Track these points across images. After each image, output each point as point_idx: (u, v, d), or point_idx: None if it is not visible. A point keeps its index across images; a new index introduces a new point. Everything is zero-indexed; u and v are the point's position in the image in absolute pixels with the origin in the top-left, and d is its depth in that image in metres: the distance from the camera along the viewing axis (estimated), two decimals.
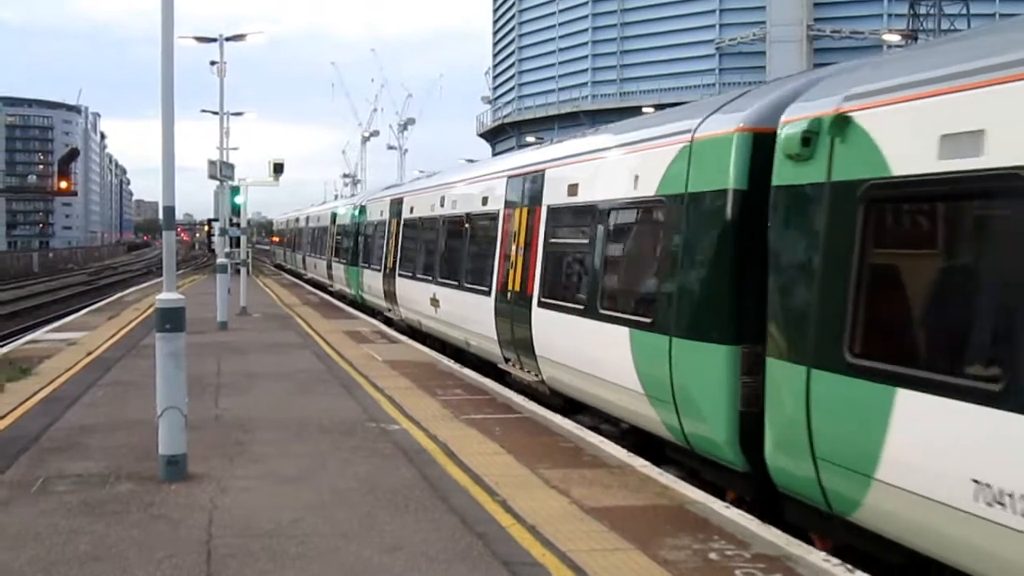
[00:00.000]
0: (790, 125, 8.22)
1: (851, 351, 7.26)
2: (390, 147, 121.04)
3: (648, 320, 10.52)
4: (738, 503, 9.08)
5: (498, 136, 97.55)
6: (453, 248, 19.74)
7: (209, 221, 39.51)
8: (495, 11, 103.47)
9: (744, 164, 9.22)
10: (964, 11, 58.00)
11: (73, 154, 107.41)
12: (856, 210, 7.37)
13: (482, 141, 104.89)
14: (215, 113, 33.70)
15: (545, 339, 13.75)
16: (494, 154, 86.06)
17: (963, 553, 6.38)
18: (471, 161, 42.23)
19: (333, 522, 8.08)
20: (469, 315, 17.76)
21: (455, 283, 18.83)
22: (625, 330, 10.99)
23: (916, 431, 6.63)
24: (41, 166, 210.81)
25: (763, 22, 70.61)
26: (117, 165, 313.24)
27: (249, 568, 7.00)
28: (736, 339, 9.04)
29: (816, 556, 7.18)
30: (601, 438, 11.37)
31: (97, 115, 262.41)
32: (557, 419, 12.56)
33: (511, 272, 15.49)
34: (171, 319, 9.49)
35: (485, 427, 11.91)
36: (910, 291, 7.27)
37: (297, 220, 61.53)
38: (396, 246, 25.49)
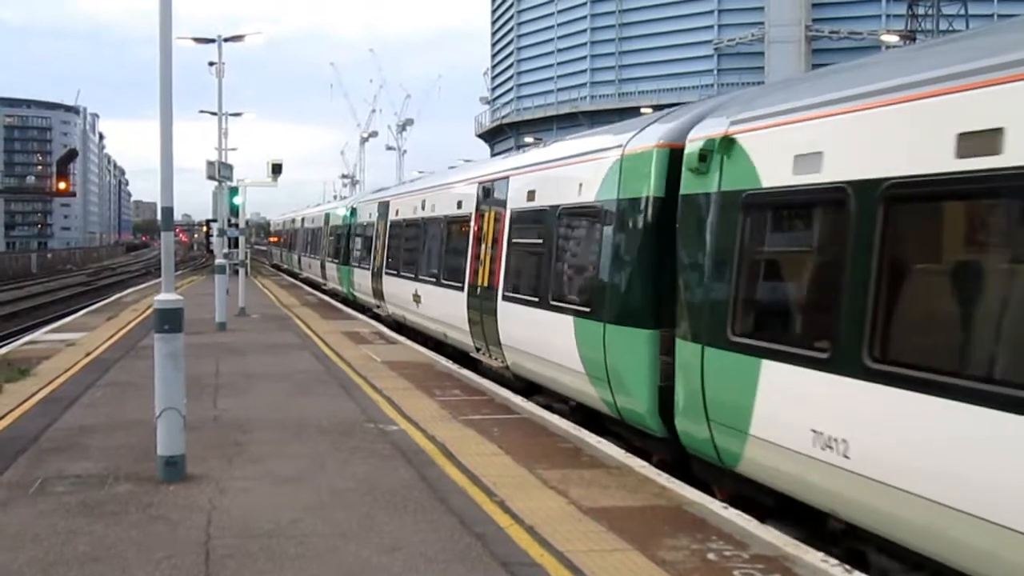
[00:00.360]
0: (692, 143, 9.88)
1: (732, 331, 8.88)
2: (389, 148, 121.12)
3: (587, 309, 12.15)
4: (662, 466, 10.34)
5: (496, 137, 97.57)
6: (432, 248, 21.27)
7: (207, 222, 39.57)
8: (494, 12, 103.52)
9: (661, 175, 10.81)
10: (962, 11, 58.05)
11: (71, 155, 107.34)
12: (737, 215, 9.03)
13: (481, 142, 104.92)
14: (213, 114, 33.73)
15: (508, 329, 15.26)
16: (492, 154, 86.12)
17: (811, 490, 7.93)
18: (467, 160, 42.37)
19: (332, 522, 8.09)
20: (446, 309, 19.18)
21: (434, 280, 20.36)
22: (570, 319, 12.64)
23: (774, 394, 8.27)
24: (39, 167, 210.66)
25: (762, 23, 70.68)
26: (115, 166, 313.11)
27: (248, 569, 7.01)
28: (656, 324, 10.67)
29: (814, 556, 7.18)
30: (599, 439, 11.39)
31: (96, 116, 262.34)
32: (555, 420, 12.57)
33: (481, 269, 17.00)
34: (170, 320, 9.50)
35: (483, 428, 11.92)
36: (772, 282, 9.05)
37: (293, 221, 63.39)
38: (383, 246, 26.96)
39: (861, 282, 7.27)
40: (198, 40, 31.09)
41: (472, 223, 18.08)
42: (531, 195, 15.07)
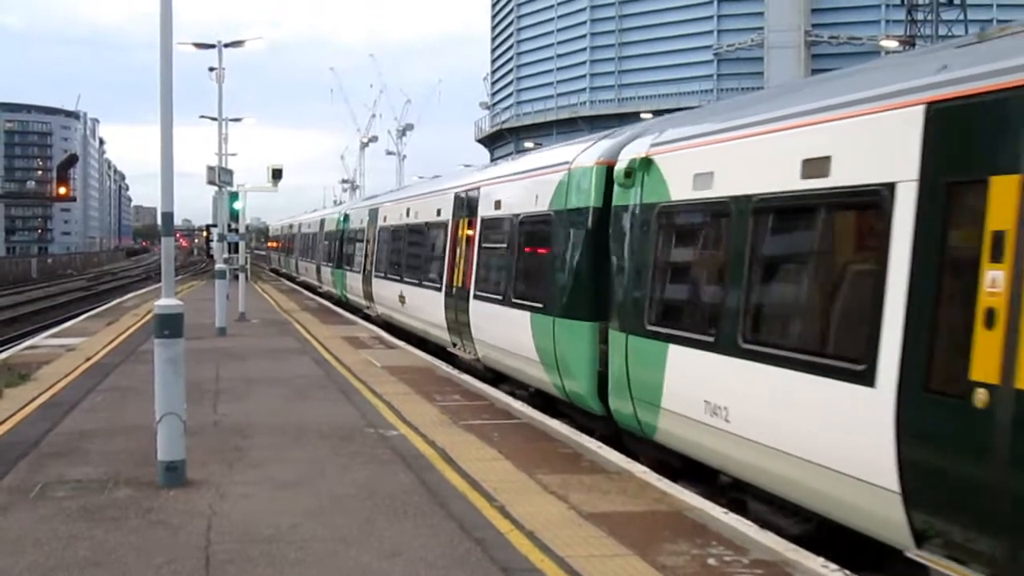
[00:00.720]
0: (620, 161, 11.64)
1: (648, 321, 10.65)
2: (389, 153, 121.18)
3: (541, 306, 13.83)
4: (606, 441, 11.71)
5: (496, 142, 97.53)
6: (415, 252, 23.21)
7: (208, 227, 39.65)
8: (494, 17, 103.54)
9: (600, 189, 12.49)
10: (961, 17, 58.08)
11: (72, 160, 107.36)
12: (652, 223, 10.83)
13: (481, 147, 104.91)
14: (214, 119, 33.83)
15: (479, 325, 16.97)
16: (492, 159, 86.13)
17: (705, 451, 9.69)
18: (467, 166, 42.46)
19: (332, 528, 8.09)
20: (427, 308, 20.84)
21: (417, 282, 22.01)
22: (527, 314, 14.25)
23: (677, 372, 10.00)
24: (40, 172, 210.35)
25: (761, 28, 70.66)
26: (116, 171, 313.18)
27: (248, 574, 7.01)
28: (595, 317, 12.32)
29: (814, 562, 7.18)
30: (599, 444, 11.40)
31: (96, 121, 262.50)
32: (555, 424, 12.57)
33: (456, 272, 18.66)
34: (170, 325, 9.50)
35: (483, 433, 11.92)
36: (676, 279, 10.79)
37: (291, 227, 65.77)
38: (373, 251, 28.94)
39: (737, 279, 9.00)
40: (199, 45, 31.20)
41: (449, 229, 19.73)
42: (497, 204, 16.75)
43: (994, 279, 6.18)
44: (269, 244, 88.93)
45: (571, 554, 7.36)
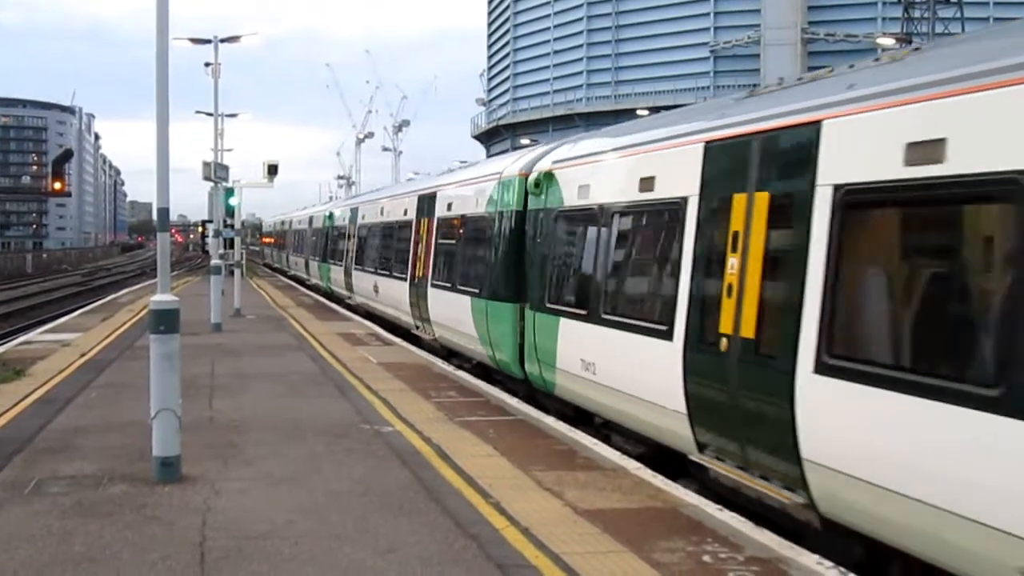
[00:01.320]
0: (533, 174, 14.83)
1: (547, 300, 13.60)
2: (385, 149, 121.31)
3: (477, 291, 16.76)
4: (527, 400, 14.25)
5: (493, 138, 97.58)
6: (387, 247, 26.42)
7: (203, 222, 39.64)
8: (490, 13, 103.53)
9: (521, 195, 15.34)
10: (958, 15, 58.15)
11: (67, 155, 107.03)
12: (551, 224, 13.88)
13: (477, 143, 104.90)
14: (210, 114, 33.80)
15: (435, 309, 20.00)
16: (488, 155, 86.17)
17: (584, 400, 12.53)
18: (464, 162, 42.51)
19: (327, 524, 8.08)
20: (396, 296, 24.00)
21: (388, 273, 25.33)
22: (468, 298, 17.18)
23: (565, 339, 12.86)
24: (35, 167, 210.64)
25: (758, 25, 70.76)
26: (111, 166, 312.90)
27: (242, 570, 7.00)
28: (516, 299, 15.12)
29: (809, 559, 7.19)
30: (595, 440, 11.41)
31: (91, 116, 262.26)
32: (551, 421, 12.58)
33: (418, 264, 21.75)
34: (165, 321, 9.49)
35: (479, 429, 11.92)
36: (564, 267, 13.63)
37: (282, 223, 70.02)
38: (352, 246, 32.26)
39: (601, 268, 12.16)
40: (195, 41, 31.11)
41: (413, 227, 22.87)
42: (450, 206, 19.98)
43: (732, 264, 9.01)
44: (263, 240, 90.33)
45: (566, 551, 7.36)
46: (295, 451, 10.80)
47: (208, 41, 30.74)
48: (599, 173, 12.68)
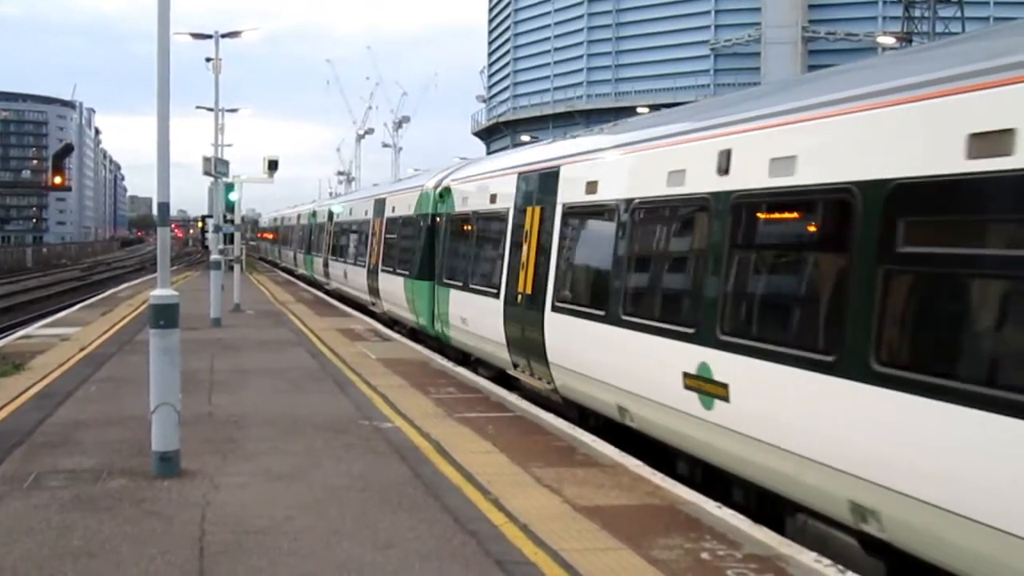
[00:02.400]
0: (439, 186, 20.99)
1: (443, 277, 19.21)
2: (385, 145, 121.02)
3: (407, 273, 22.67)
4: (460, 363, 18.19)
5: (493, 135, 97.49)
6: (355, 241, 32.41)
7: (203, 217, 39.67)
8: (491, 10, 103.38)
9: (435, 203, 21.24)
10: (959, 14, 58.11)
11: (67, 149, 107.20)
12: (450, 224, 19.57)
13: (477, 140, 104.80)
14: (210, 109, 33.83)
15: (383, 288, 26.02)
16: (488, 152, 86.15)
17: (466, 346, 18.03)
18: (463, 158, 42.73)
19: (326, 519, 8.09)
20: (359, 281, 29.86)
21: (353, 262, 31.67)
22: (401, 279, 23.25)
23: (456, 305, 18.28)
24: (35, 161, 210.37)
25: (758, 23, 70.64)
26: (111, 161, 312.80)
27: (242, 565, 7.01)
28: (431, 278, 20.53)
29: (807, 556, 7.20)
30: (594, 437, 11.39)
31: (92, 111, 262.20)
32: (550, 418, 12.58)
33: (372, 254, 27.80)
34: (165, 315, 9.50)
35: (478, 425, 11.93)
36: (454, 254, 18.99)
37: (275, 220, 78.40)
38: (329, 240, 38.86)
39: (469, 253, 17.92)
40: (196, 36, 31.11)
41: (371, 225, 28.71)
42: (393, 209, 26.03)
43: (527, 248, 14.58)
44: (259, 235, 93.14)
45: (565, 547, 7.37)
46: (294, 446, 10.81)
47: (209, 36, 30.75)
48: (472, 189, 18.72)
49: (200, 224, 46.43)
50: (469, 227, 18.12)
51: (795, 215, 8.71)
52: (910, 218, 6.86)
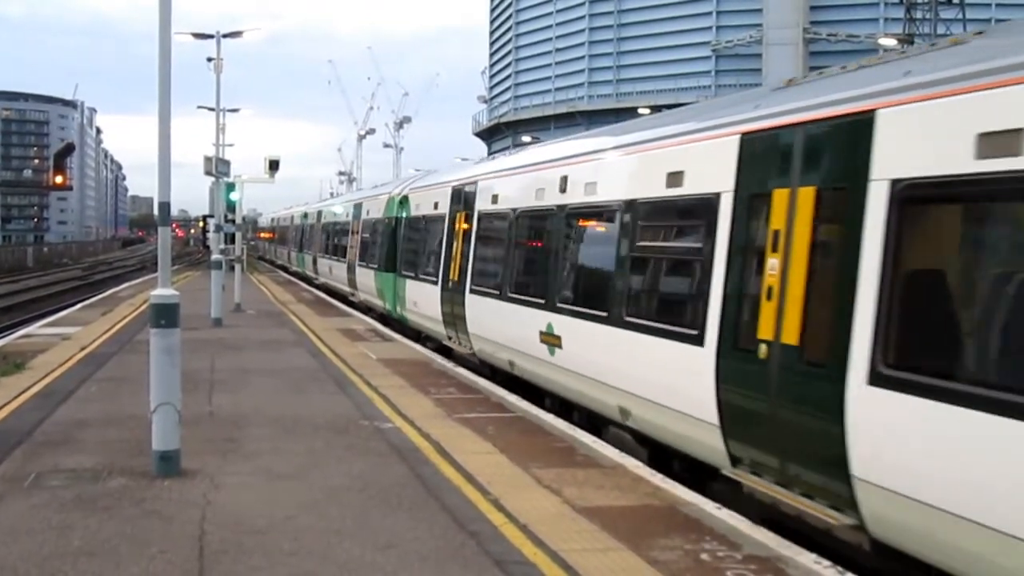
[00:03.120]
0: (399, 195, 25.53)
1: (403, 270, 23.39)
2: (386, 145, 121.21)
3: (376, 266, 26.78)
4: (399, 331, 22.92)
5: (494, 136, 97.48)
6: (337, 241, 37.22)
7: (204, 217, 39.72)
8: (492, 11, 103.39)
9: (397, 207, 25.13)
10: (960, 16, 58.10)
11: (69, 149, 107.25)
12: (408, 226, 23.91)
13: (479, 140, 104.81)
14: (211, 109, 33.79)
15: (359, 280, 30.54)
16: (489, 153, 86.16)
17: (415, 323, 22.31)
18: (465, 159, 42.94)
19: (326, 519, 8.10)
20: (341, 275, 34.70)
21: (337, 259, 36.44)
22: (372, 271, 27.49)
23: (410, 292, 22.30)
24: (36, 160, 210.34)
25: (760, 25, 70.65)
26: (113, 160, 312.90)
27: (242, 564, 7.02)
28: (395, 271, 24.12)
29: (807, 558, 7.20)
30: (594, 438, 11.41)
31: (93, 110, 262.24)
32: (550, 419, 12.59)
33: (352, 251, 32.41)
34: (166, 315, 9.50)
35: (478, 426, 11.93)
36: (409, 250, 23.18)
37: (272, 220, 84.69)
38: (319, 239, 43.52)
39: (419, 250, 22.19)
40: (197, 36, 31.11)
41: (351, 226, 33.20)
42: (368, 212, 30.44)
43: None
44: (258, 235, 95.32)
45: (564, 548, 7.37)
46: (294, 446, 10.82)
47: (210, 36, 30.76)
48: (420, 198, 22.89)
49: (201, 224, 46.60)
50: (419, 228, 22.55)
51: (595, 222, 12.95)
52: (641, 222, 11.17)
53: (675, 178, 10.30)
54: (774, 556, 7.24)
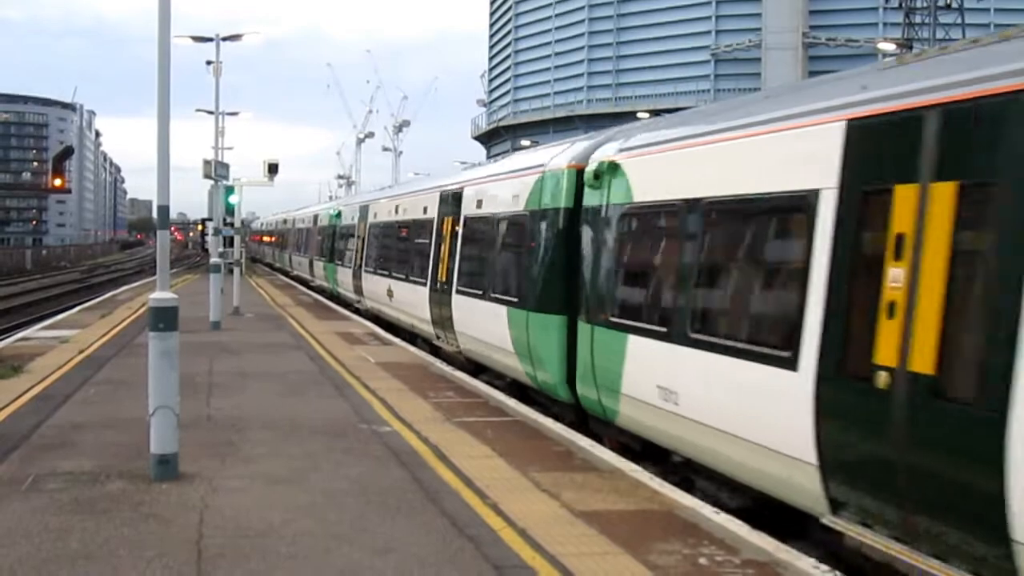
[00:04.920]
0: (369, 206, 30.24)
1: (368, 267, 28.32)
2: (385, 149, 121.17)
3: (348, 264, 32.26)
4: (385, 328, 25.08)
5: (493, 139, 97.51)
6: (319, 242, 41.96)
7: (203, 221, 39.74)
8: (492, 14, 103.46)
9: (363, 215, 30.42)
10: (959, 20, 58.14)
11: (67, 151, 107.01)
12: (376, 230, 28.33)
13: (477, 144, 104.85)
14: (210, 112, 33.75)
15: (337, 276, 35.25)
16: (488, 156, 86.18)
17: (385, 313, 25.82)
18: (464, 162, 42.98)
19: (324, 523, 8.09)
20: (322, 272, 39.64)
21: (321, 258, 40.31)
22: (350, 270, 31.67)
23: (373, 285, 27.27)
24: (35, 163, 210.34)
25: (759, 29, 70.72)
26: (111, 163, 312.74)
27: (239, 568, 7.01)
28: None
29: (805, 563, 7.20)
30: (592, 442, 11.41)
31: (92, 113, 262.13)
32: (548, 423, 12.58)
33: (336, 253, 36.56)
34: (164, 318, 9.50)
35: (476, 430, 11.93)
36: (369, 247, 28.92)
37: (261, 225, 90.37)
38: (315, 241, 45.53)
39: (366, 248, 28.89)
40: (196, 39, 31.09)
41: (351, 230, 34.77)
42: (344, 219, 34.72)
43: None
44: (251, 238, 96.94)
45: (563, 552, 7.37)
46: (293, 450, 10.81)
47: (210, 39, 30.74)
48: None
49: (200, 227, 46.80)
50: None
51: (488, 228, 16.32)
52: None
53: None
54: (772, 560, 7.24)
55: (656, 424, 10.36)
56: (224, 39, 30.84)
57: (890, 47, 50.87)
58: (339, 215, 36.58)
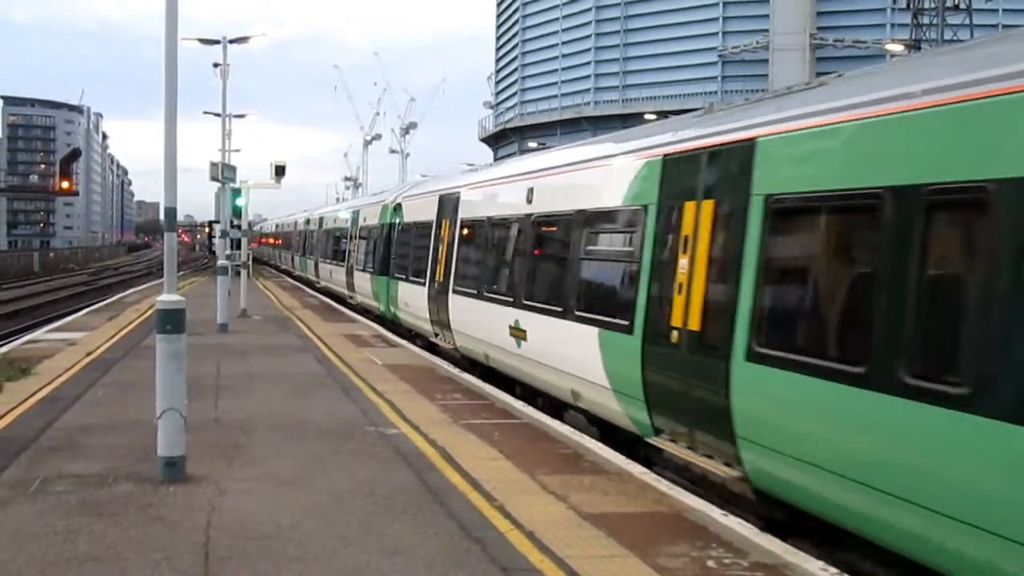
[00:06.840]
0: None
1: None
2: (392, 151, 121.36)
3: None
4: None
5: (500, 141, 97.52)
6: (320, 244, 44.86)
7: (210, 223, 39.85)
8: (499, 16, 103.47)
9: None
10: (967, 21, 58.01)
11: (75, 154, 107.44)
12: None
13: (484, 146, 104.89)
14: (218, 115, 33.79)
15: (326, 274, 40.27)
16: (495, 159, 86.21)
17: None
18: (470, 165, 42.95)
19: (331, 525, 8.08)
20: (315, 270, 44.35)
21: (323, 258, 42.72)
22: (342, 268, 35.30)
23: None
24: (43, 166, 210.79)
25: (766, 30, 70.63)
26: (119, 166, 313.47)
27: (247, 570, 7.00)
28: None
29: (814, 565, 7.17)
30: (600, 444, 11.39)
31: (99, 115, 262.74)
32: (556, 425, 12.57)
33: (328, 252, 39.95)
34: (171, 320, 9.50)
35: (484, 432, 11.91)
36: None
37: (273, 226, 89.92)
38: (313, 243, 49.23)
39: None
40: (203, 41, 31.17)
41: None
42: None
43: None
44: (259, 239, 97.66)
45: (570, 554, 7.35)
46: (300, 452, 10.80)
47: (217, 42, 30.80)
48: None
49: (207, 229, 46.90)
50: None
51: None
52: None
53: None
54: (781, 563, 7.21)
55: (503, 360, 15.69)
56: (231, 41, 30.91)
57: (898, 48, 50.85)
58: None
